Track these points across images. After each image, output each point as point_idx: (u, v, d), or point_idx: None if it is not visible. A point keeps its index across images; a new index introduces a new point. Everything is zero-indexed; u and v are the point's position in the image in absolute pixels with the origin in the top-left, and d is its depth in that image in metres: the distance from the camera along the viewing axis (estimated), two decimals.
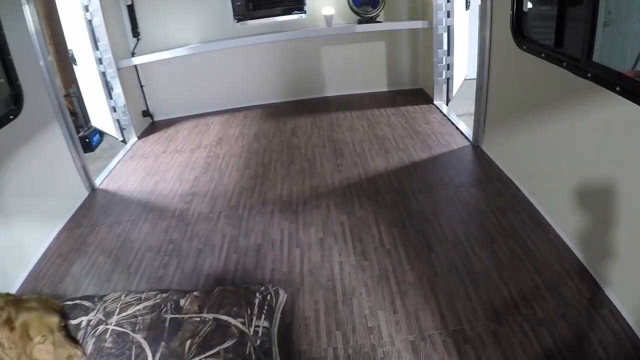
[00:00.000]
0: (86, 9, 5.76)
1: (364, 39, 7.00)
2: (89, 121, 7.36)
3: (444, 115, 6.02)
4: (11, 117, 3.90)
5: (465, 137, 5.24)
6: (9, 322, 2.42)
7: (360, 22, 6.82)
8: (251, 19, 6.93)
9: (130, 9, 6.59)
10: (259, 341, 2.46)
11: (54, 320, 2.53)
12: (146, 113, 7.05)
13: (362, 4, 6.78)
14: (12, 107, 3.97)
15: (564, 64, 3.20)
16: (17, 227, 3.77)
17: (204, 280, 3.34)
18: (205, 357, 2.32)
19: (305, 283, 3.20)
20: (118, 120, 6.31)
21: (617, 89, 2.60)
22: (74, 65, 6.33)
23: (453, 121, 5.71)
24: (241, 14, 6.88)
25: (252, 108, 7.12)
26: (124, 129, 6.40)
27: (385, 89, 7.33)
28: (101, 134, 7.21)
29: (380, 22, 6.86)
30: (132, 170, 5.41)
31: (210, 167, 5.25)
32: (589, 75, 2.89)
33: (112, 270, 3.61)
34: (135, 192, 4.88)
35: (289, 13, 6.97)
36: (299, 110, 6.81)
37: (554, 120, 3.45)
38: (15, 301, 2.56)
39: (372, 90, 7.28)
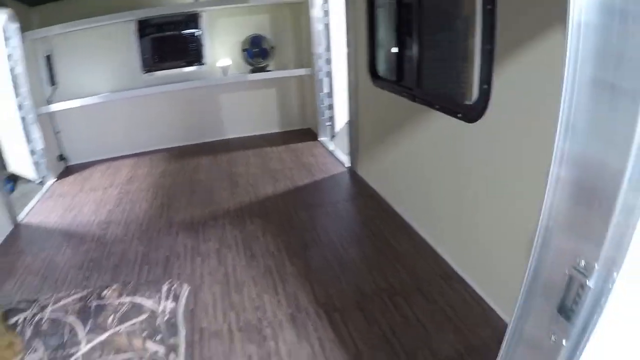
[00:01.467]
0: (9, 57, 6.32)
1: (256, 86, 7.85)
2: (5, 168, 7.80)
3: (328, 150, 6.85)
4: None
5: (344, 165, 6.09)
6: None
7: (252, 71, 7.67)
8: (157, 70, 7.63)
9: (48, 59, 7.17)
10: (167, 316, 3.20)
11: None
12: (61, 157, 7.57)
13: (254, 55, 7.63)
14: None
15: (404, 93, 4.13)
16: None
17: (122, 284, 4.03)
18: (125, 327, 3.06)
19: (205, 281, 3.92)
20: (37, 163, 6.84)
21: (437, 107, 3.58)
22: None
23: (335, 154, 6.55)
24: (148, 66, 7.58)
25: (159, 151, 7.77)
26: (43, 173, 6.91)
27: (277, 130, 8.16)
28: (14, 182, 7.63)
29: (270, 70, 7.73)
30: (51, 207, 5.97)
31: (122, 200, 5.88)
32: (417, 99, 3.86)
33: (42, 286, 4.16)
34: (56, 224, 5.44)
35: (191, 64, 7.72)
36: (201, 151, 7.52)
37: (405, 139, 4.33)
38: None
39: (266, 132, 8.08)
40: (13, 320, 3.34)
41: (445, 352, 2.81)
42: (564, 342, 1.14)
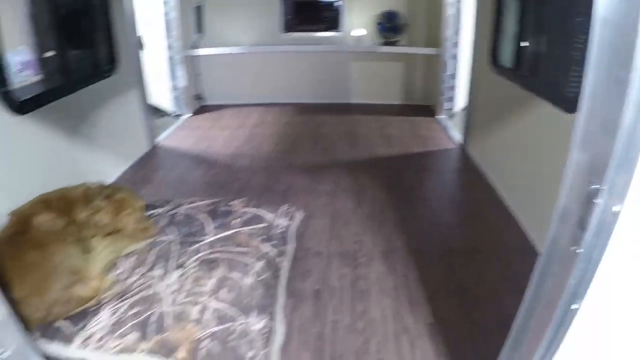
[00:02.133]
0: (165, 3, 7.14)
1: (385, 58, 8.24)
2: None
3: (443, 127, 7.13)
4: (107, 74, 5.20)
5: (455, 142, 6.37)
6: (109, 197, 3.59)
7: (383, 44, 8.10)
8: (296, 31, 8.27)
9: (198, 9, 7.94)
10: (282, 229, 3.72)
11: (140, 202, 3.75)
12: (198, 97, 8.35)
13: (387, 30, 8.04)
14: (108, 67, 5.27)
15: (521, 83, 4.31)
16: (100, 153, 4.99)
17: None
18: (246, 228, 3.59)
19: (316, 213, 4.38)
20: (177, 98, 7.64)
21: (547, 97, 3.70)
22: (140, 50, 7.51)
23: (449, 131, 6.81)
24: (288, 26, 8.24)
25: (287, 105, 8.33)
26: (180, 107, 7.75)
27: (398, 102, 8.48)
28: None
29: (400, 45, 8.13)
30: (185, 136, 6.69)
31: (250, 140, 6.49)
32: (532, 89, 4.01)
33: (173, 194, 4.71)
34: (188, 150, 6.12)
35: (327, 30, 8.29)
36: (326, 110, 8.01)
37: (517, 127, 4.52)
38: (113, 187, 3.80)
39: (388, 102, 8.43)
40: (150, 212, 3.94)
41: (510, 310, 3.09)
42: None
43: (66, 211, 3.45)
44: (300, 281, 3.44)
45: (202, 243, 3.47)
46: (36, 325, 2.91)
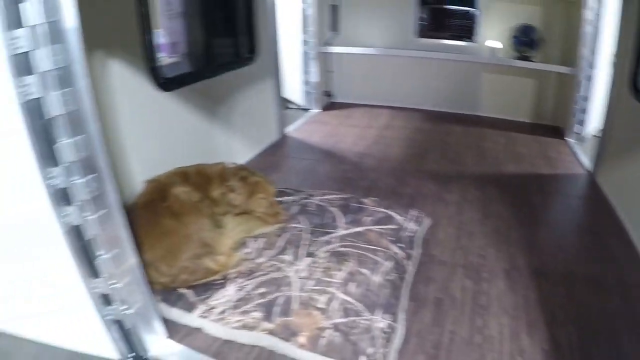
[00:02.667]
0: (304, 0, 7.45)
1: (517, 73, 8.04)
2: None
3: (572, 150, 6.89)
4: (248, 62, 5.50)
5: (584, 168, 6.15)
6: (244, 179, 3.79)
7: (517, 58, 7.94)
8: (430, 37, 8.30)
9: (334, 8, 8.17)
10: (409, 233, 3.79)
11: (273, 188, 3.92)
12: (327, 93, 8.57)
13: (521, 44, 7.88)
14: (249, 55, 5.56)
15: None
16: (233, 137, 5.34)
17: None
18: (377, 227, 3.69)
19: (442, 222, 4.41)
20: (307, 93, 7.91)
21: None
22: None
23: (578, 155, 6.60)
24: (422, 32, 8.29)
25: (415, 110, 8.35)
26: (310, 101, 8.03)
27: (527, 120, 8.25)
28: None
29: (534, 61, 7.94)
30: (314, 130, 6.91)
31: (378, 141, 6.60)
32: None
33: (302, 184, 4.92)
34: (317, 143, 6.32)
35: (461, 39, 8.26)
36: (453, 120, 7.96)
37: None
38: (251, 170, 3.97)
39: (516, 118, 8.23)
40: (281, 198, 4.06)
41: (627, 349, 2.87)
42: None
43: (202, 186, 3.67)
44: (423, 286, 3.48)
45: (332, 235, 3.59)
46: (159, 290, 3.10)
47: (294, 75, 7.90)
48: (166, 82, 4.30)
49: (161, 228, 3.25)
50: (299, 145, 6.30)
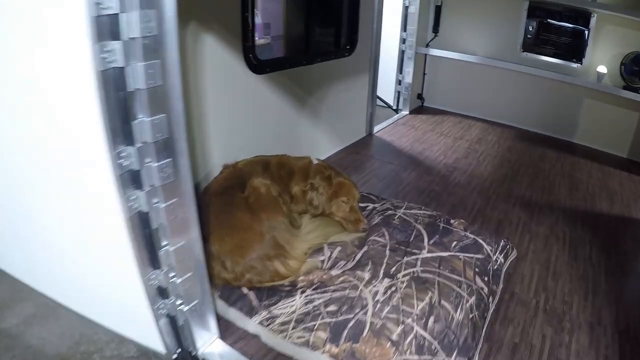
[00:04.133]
0: None
1: (621, 104, 7.45)
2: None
3: None
4: (346, 54, 5.28)
5: None
6: (329, 179, 3.57)
7: (624, 88, 7.36)
8: (536, 53, 7.78)
9: (438, 8, 7.80)
10: (496, 266, 3.47)
11: (358, 193, 3.67)
12: (419, 96, 8.25)
13: (631, 73, 7.31)
14: (348, 47, 5.34)
15: None
16: (319, 129, 5.18)
17: None
18: (464, 255, 3.37)
19: (528, 256, 4.09)
20: (399, 93, 7.58)
21: None
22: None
23: None
24: (528, 46, 7.77)
25: (509, 127, 7.94)
26: (401, 103, 7.72)
27: (624, 156, 7.70)
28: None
29: None
30: (403, 133, 6.60)
31: (469, 155, 6.26)
32: None
33: (383, 190, 4.71)
34: (405, 148, 6.02)
35: (568, 59, 7.70)
36: (547, 143, 7.52)
37: None
38: (337, 170, 3.74)
39: (613, 152, 7.71)
40: (363, 204, 3.80)
41: None
42: None
43: (283, 180, 3.53)
44: (501, 327, 3.20)
45: (416, 257, 3.30)
46: (219, 285, 2.99)
47: (389, 73, 7.62)
48: (259, 65, 4.15)
49: (234, 220, 3.08)
50: (385, 147, 6.02)
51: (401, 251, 3.34)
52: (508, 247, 3.78)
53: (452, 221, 3.81)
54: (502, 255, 3.63)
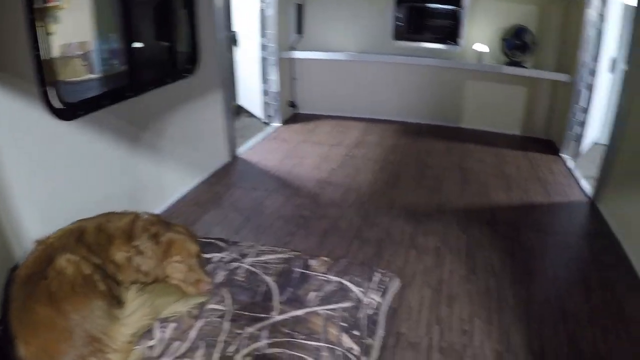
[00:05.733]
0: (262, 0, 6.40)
1: (506, 80, 7.23)
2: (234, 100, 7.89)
3: (569, 169, 6.19)
4: (185, 74, 4.55)
5: (584, 193, 5.42)
6: (156, 237, 2.91)
7: (507, 64, 7.11)
8: (409, 40, 7.39)
9: (299, 8, 7.21)
10: (370, 311, 2.83)
11: (195, 247, 2.99)
12: (292, 104, 7.62)
13: (513, 47, 7.04)
14: (187, 66, 4.65)
15: None
16: (164, 167, 4.40)
17: (326, 255, 3.74)
18: (325, 309, 2.71)
19: (415, 280, 3.57)
20: (267, 104, 6.91)
21: None
22: (233, 46, 6.82)
23: (576, 176, 5.89)
24: (400, 34, 7.36)
25: (391, 122, 7.52)
26: (271, 114, 6.99)
27: (517, 133, 7.50)
28: (239, 113, 7.73)
29: (526, 67, 7.11)
30: (272, 149, 5.96)
31: (346, 164, 5.70)
32: None
33: (242, 226, 4.09)
34: (273, 168, 5.39)
35: (444, 42, 7.37)
36: (434, 134, 7.16)
37: None
38: (165, 222, 3.07)
39: (505, 132, 7.46)
40: (208, 255, 3.14)
41: None
42: None
43: (103, 247, 2.90)
44: None
45: (262, 324, 2.60)
46: None
47: (254, 84, 7.01)
48: (69, 110, 3.38)
49: (36, 317, 2.46)
50: (250, 171, 5.39)
51: (244, 319, 2.64)
52: (386, 279, 3.16)
53: (311, 262, 3.13)
54: (379, 293, 3.01)
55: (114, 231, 2.96)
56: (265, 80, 6.89)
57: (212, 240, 3.36)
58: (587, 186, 5.54)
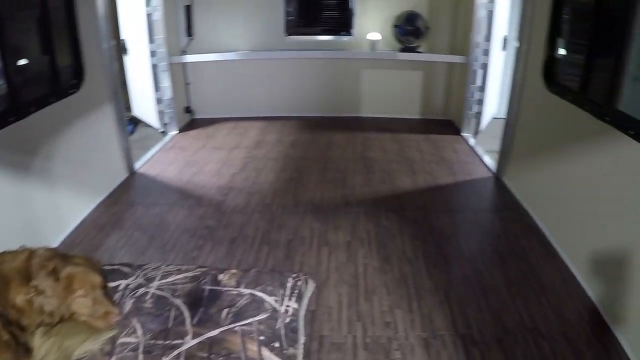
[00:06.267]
0: (148, 2, 6.08)
1: (402, 66, 7.30)
2: (129, 110, 7.52)
3: (471, 147, 6.28)
4: (71, 91, 4.22)
5: (489, 169, 5.50)
6: (55, 273, 2.65)
7: (402, 50, 7.14)
8: (301, 34, 7.31)
9: (188, 9, 6.95)
10: (288, 319, 2.70)
11: (97, 278, 2.75)
12: (188, 109, 7.36)
13: (406, 33, 7.07)
14: (73, 81, 4.29)
15: (586, 107, 3.52)
16: (59, 193, 4.03)
17: (237, 265, 3.58)
18: (240, 325, 2.56)
19: (331, 278, 3.45)
20: (162, 112, 6.59)
21: (631, 132, 2.91)
22: (123, 55, 6.50)
23: (478, 153, 5.98)
24: (292, 29, 7.25)
25: (290, 119, 7.38)
26: (167, 122, 6.67)
27: (417, 116, 7.56)
28: (135, 124, 7.40)
29: (421, 52, 7.18)
30: (171, 160, 5.69)
31: (247, 166, 5.51)
32: (606, 118, 3.21)
33: (147, 246, 3.85)
34: (173, 179, 5.14)
35: (337, 33, 7.33)
36: (335, 126, 7.08)
37: (574, 159, 3.75)
38: (63, 255, 2.81)
39: (405, 116, 7.52)
40: (115, 283, 2.91)
41: None
42: None
43: (0, 293, 2.55)
44: None
45: (177, 352, 2.43)
46: None
47: (147, 93, 6.63)
48: None
49: None
50: (149, 185, 5.10)
51: (158, 349, 2.45)
52: (300, 283, 3.04)
53: (220, 277, 2.97)
54: (294, 298, 2.89)
55: (9, 272, 2.69)
56: (157, 87, 6.56)
57: (117, 267, 3.13)
58: (491, 162, 5.62)
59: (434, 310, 3.16)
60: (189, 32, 7.09)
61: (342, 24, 7.30)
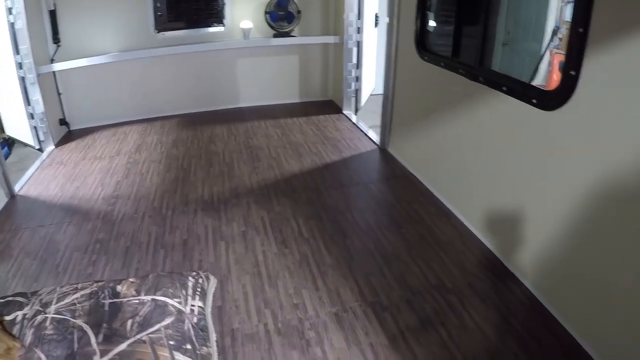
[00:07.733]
0: (9, 11, 5.73)
1: (278, 52, 7.30)
2: (2, 131, 7.13)
3: (353, 123, 6.39)
4: None
5: (373, 142, 5.63)
6: None
7: (275, 36, 7.14)
8: (171, 29, 7.10)
9: (52, 14, 6.58)
10: (195, 319, 2.66)
11: None
12: (63, 121, 7.01)
13: (278, 19, 7.07)
14: None
15: (460, 70, 3.68)
16: None
17: (135, 273, 3.49)
18: (148, 334, 2.49)
19: (232, 271, 3.43)
20: (35, 128, 6.26)
21: (504, 89, 3.14)
22: None
23: (362, 128, 6.09)
24: (161, 25, 7.05)
25: (170, 117, 7.21)
26: (42, 139, 6.35)
27: (297, 100, 7.60)
28: (10, 146, 7.05)
29: (295, 36, 7.20)
30: (51, 176, 5.43)
31: (131, 172, 5.35)
32: (480, 79, 3.40)
33: (40, 271, 3.65)
34: (56, 197, 4.90)
35: (209, 25, 7.20)
36: (216, 120, 6.98)
37: (452, 121, 3.92)
38: None
39: (285, 102, 7.53)
40: (11, 316, 2.77)
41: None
42: None
43: None
44: None
45: None
46: None
47: (16, 108, 6.24)
48: None
49: None
50: (33, 207, 4.81)
51: None
52: (201, 281, 3.01)
53: (118, 288, 2.88)
54: (198, 297, 2.85)
55: None
56: (28, 102, 6.19)
57: (10, 298, 2.97)
58: (375, 135, 5.74)
59: (340, 284, 3.22)
60: (56, 38, 6.71)
61: (213, 15, 7.18)
